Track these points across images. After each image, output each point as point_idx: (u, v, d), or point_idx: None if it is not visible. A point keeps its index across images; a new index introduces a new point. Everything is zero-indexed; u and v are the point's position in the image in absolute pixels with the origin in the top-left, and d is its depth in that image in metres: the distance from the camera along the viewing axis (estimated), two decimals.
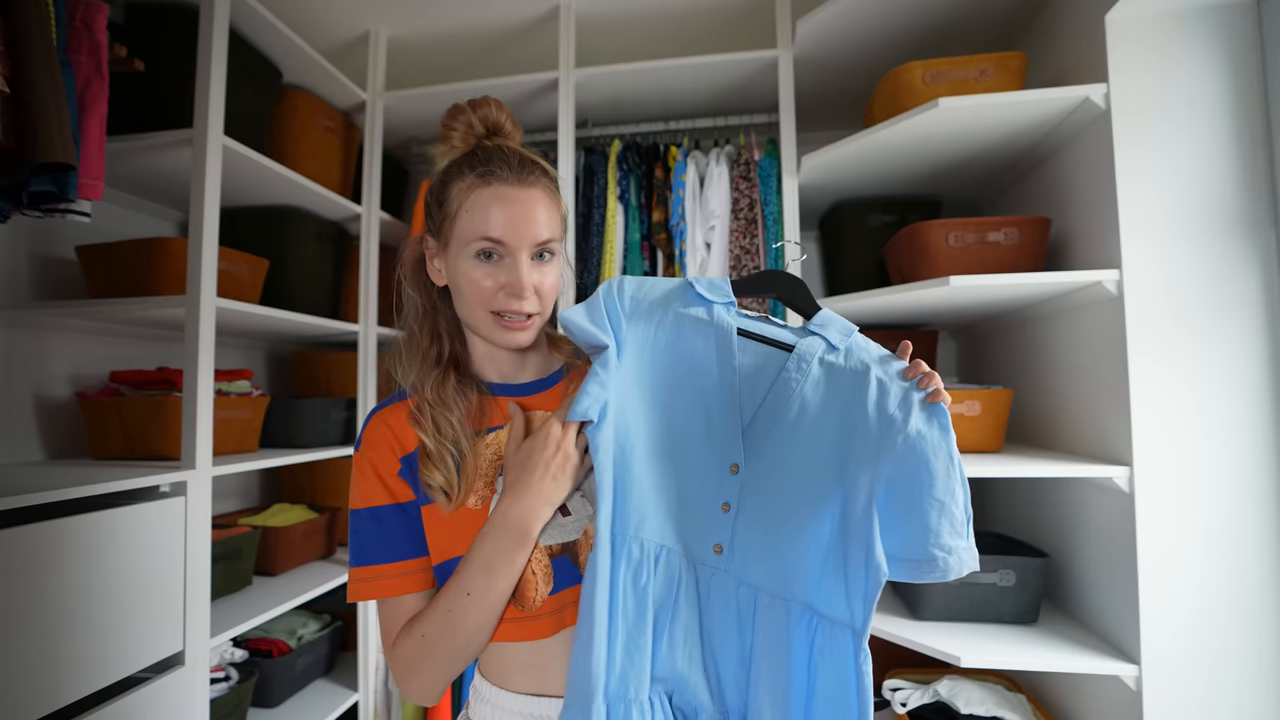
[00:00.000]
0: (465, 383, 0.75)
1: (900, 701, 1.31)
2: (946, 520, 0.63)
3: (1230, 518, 1.05)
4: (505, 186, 0.69)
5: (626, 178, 1.81)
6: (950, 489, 0.63)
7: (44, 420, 1.41)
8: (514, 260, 0.69)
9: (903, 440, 0.64)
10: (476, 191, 0.70)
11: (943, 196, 1.75)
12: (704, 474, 0.71)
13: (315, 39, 1.86)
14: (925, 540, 0.63)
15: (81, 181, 1.07)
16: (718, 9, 1.75)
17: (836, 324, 0.73)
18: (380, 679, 1.82)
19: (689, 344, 0.73)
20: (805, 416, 0.69)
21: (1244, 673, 1.04)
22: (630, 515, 0.69)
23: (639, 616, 0.66)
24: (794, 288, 0.78)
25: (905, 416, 0.65)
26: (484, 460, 0.72)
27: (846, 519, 0.66)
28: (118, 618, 1.07)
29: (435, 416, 0.71)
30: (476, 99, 0.76)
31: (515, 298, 0.69)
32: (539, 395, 0.77)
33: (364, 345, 1.86)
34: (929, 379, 0.66)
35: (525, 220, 0.69)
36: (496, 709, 0.71)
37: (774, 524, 0.68)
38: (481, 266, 0.70)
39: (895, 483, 0.64)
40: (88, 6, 1.08)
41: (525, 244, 0.69)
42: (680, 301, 0.74)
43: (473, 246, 0.69)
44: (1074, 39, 1.26)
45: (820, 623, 0.65)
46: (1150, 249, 1.10)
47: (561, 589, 0.70)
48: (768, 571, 0.67)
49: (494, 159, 0.71)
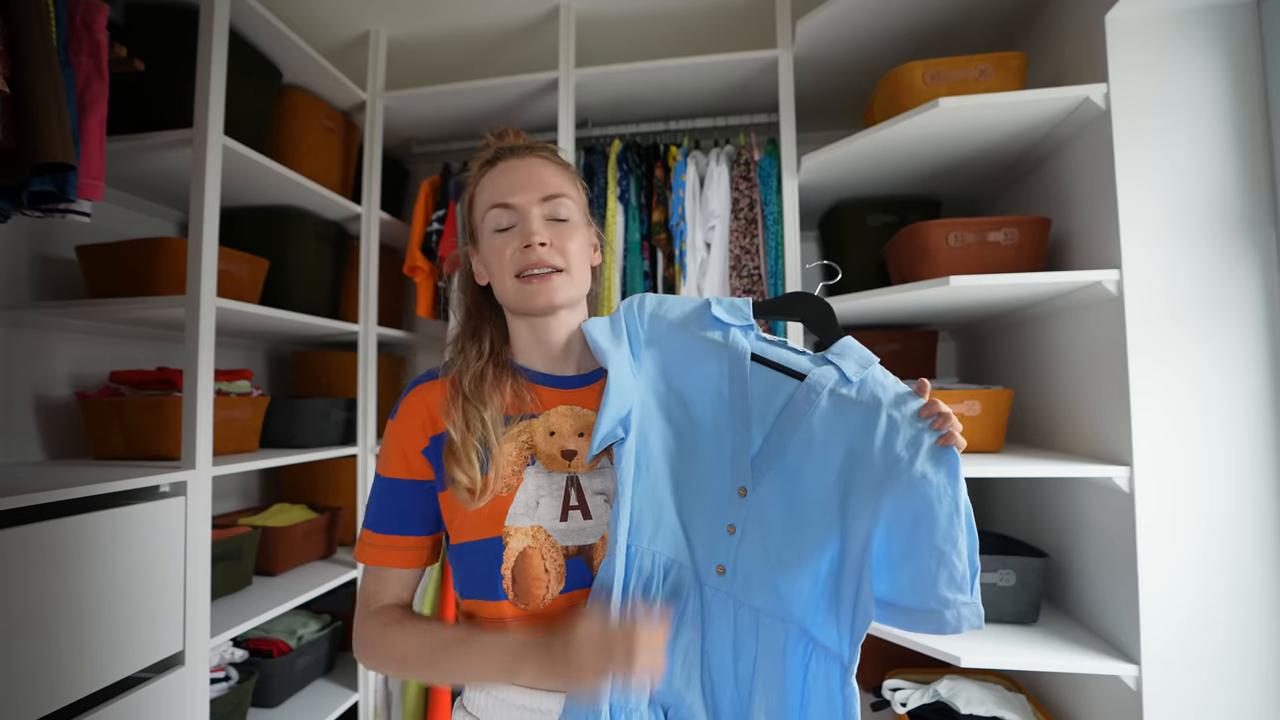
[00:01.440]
0: (503, 372, 0.77)
1: (900, 701, 1.31)
2: (945, 571, 0.61)
3: (1230, 518, 1.05)
4: (509, 161, 0.76)
5: (626, 178, 1.81)
6: (952, 538, 0.61)
7: (44, 420, 1.41)
8: (525, 216, 0.73)
9: (906, 481, 0.62)
10: (487, 174, 0.77)
11: (943, 196, 1.75)
12: (713, 495, 0.70)
13: (315, 39, 1.86)
14: (921, 589, 0.62)
15: (81, 181, 1.07)
16: (718, 9, 1.75)
17: (855, 354, 0.71)
18: (380, 679, 1.82)
19: (704, 367, 0.73)
20: (812, 448, 0.68)
21: (1244, 673, 1.04)
22: (645, 527, 0.69)
23: None
24: (820, 313, 0.76)
25: (912, 457, 0.63)
26: (514, 448, 0.72)
27: (843, 556, 0.65)
28: (118, 618, 1.07)
29: (467, 410, 0.71)
30: (502, 129, 0.83)
31: (529, 248, 0.71)
32: (581, 390, 0.78)
33: (364, 345, 1.86)
34: (943, 421, 0.64)
35: (528, 178, 0.74)
36: (493, 699, 0.71)
37: (775, 551, 0.67)
38: (500, 237, 0.74)
39: (895, 525, 0.63)
40: (88, 6, 1.08)
41: (533, 199, 0.73)
42: (697, 324, 0.75)
43: (489, 220, 0.74)
44: (1074, 39, 1.26)
45: (815, 648, 0.65)
46: (1150, 249, 1.10)
47: (572, 589, 0.70)
48: (767, 596, 0.67)
49: (502, 150, 0.78)
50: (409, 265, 1.92)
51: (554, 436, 0.73)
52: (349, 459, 1.87)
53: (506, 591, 0.69)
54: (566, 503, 0.71)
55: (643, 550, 0.68)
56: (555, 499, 0.71)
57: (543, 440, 0.73)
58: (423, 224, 1.91)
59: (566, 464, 0.73)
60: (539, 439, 0.73)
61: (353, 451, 1.82)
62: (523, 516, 0.70)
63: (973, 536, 0.63)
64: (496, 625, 0.71)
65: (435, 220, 1.91)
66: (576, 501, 0.72)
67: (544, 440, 0.73)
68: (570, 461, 0.73)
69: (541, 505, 0.71)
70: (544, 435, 0.73)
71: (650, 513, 0.69)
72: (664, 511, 0.70)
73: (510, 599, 0.69)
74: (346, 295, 1.99)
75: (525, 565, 0.69)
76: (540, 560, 0.69)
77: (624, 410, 0.71)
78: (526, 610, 0.69)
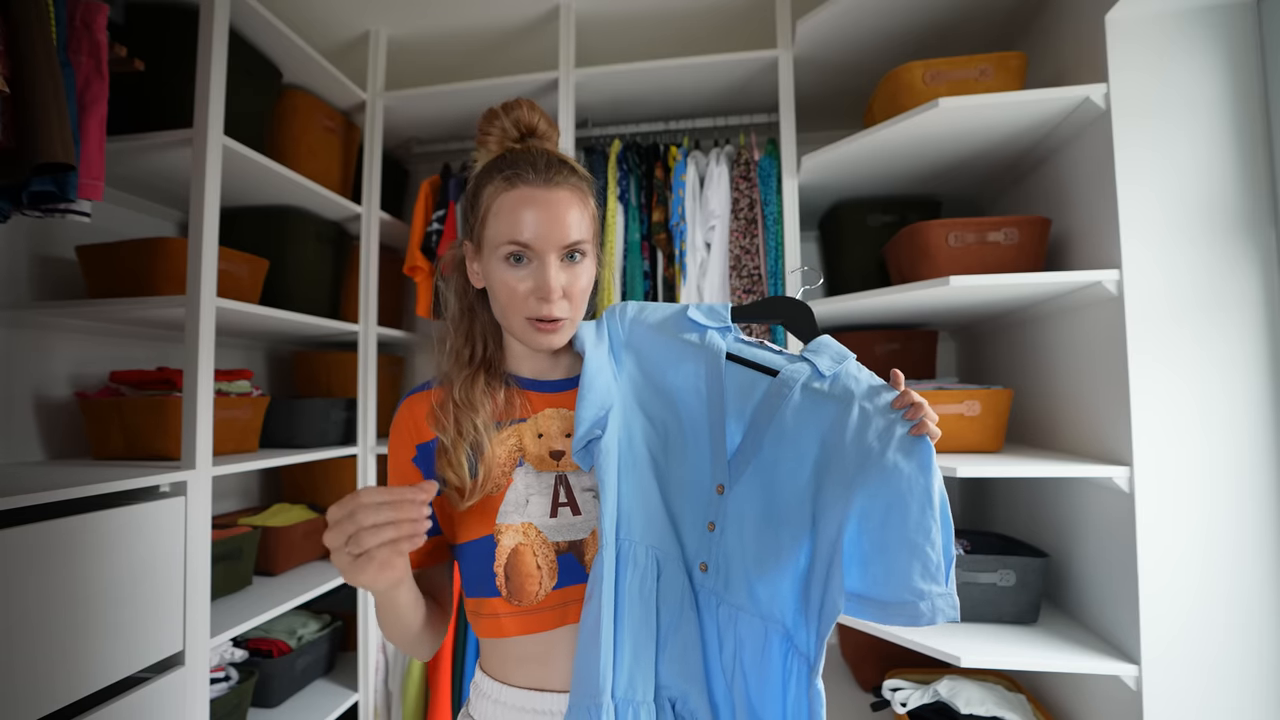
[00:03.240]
0: (495, 381, 0.77)
1: (900, 701, 1.31)
2: (919, 562, 0.60)
3: (1230, 518, 1.05)
4: (531, 189, 0.69)
5: (626, 178, 1.81)
6: (925, 528, 0.60)
7: (44, 420, 1.41)
8: (542, 263, 0.69)
9: (877, 472, 0.62)
10: (504, 195, 0.70)
11: (943, 196, 1.75)
12: (695, 492, 0.71)
13: (315, 39, 1.86)
14: (893, 581, 0.61)
15: (81, 181, 1.07)
16: (718, 9, 1.75)
17: (830, 350, 0.71)
18: (380, 679, 1.82)
19: (682, 367, 0.74)
20: (785, 444, 0.68)
21: (1244, 673, 1.04)
22: (636, 522, 0.70)
23: (645, 622, 0.67)
24: (797, 314, 0.77)
25: (883, 447, 0.63)
26: (503, 452, 0.73)
27: (816, 550, 0.65)
28: (118, 618, 1.07)
29: (459, 416, 0.72)
30: (510, 102, 0.78)
31: (544, 301, 0.70)
32: (569, 393, 0.78)
33: (364, 345, 1.86)
34: (916, 410, 0.63)
35: (552, 222, 0.69)
36: (498, 704, 0.72)
37: (753, 548, 0.68)
38: (512, 270, 0.70)
39: (867, 518, 0.62)
40: (88, 6, 1.08)
41: (553, 247, 0.69)
42: (675, 327, 0.76)
43: (502, 250, 0.70)
44: (1074, 39, 1.26)
45: (792, 647, 0.65)
46: (1150, 249, 1.10)
47: (565, 585, 0.70)
48: (745, 593, 0.67)
49: (521, 161, 0.71)
50: (409, 265, 1.92)
51: (542, 439, 0.74)
52: (349, 459, 1.87)
53: (500, 588, 0.70)
54: (556, 500, 0.72)
55: (635, 543, 0.69)
56: (544, 496, 0.72)
57: (531, 442, 0.74)
58: (423, 224, 1.91)
59: (555, 463, 0.74)
60: (528, 441, 0.74)
61: (353, 451, 1.82)
62: (513, 514, 0.71)
63: (947, 527, 0.62)
64: (493, 622, 0.71)
65: (435, 220, 1.91)
66: (566, 498, 0.73)
67: (532, 442, 0.74)
68: (558, 461, 0.74)
69: (531, 503, 0.72)
70: (532, 438, 0.74)
71: (640, 508, 0.70)
72: (653, 507, 0.71)
73: (504, 595, 0.70)
74: (346, 295, 1.99)
75: (517, 562, 0.70)
76: (532, 557, 0.70)
77: (604, 408, 0.71)
78: (520, 606, 0.70)
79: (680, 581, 0.69)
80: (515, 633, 0.70)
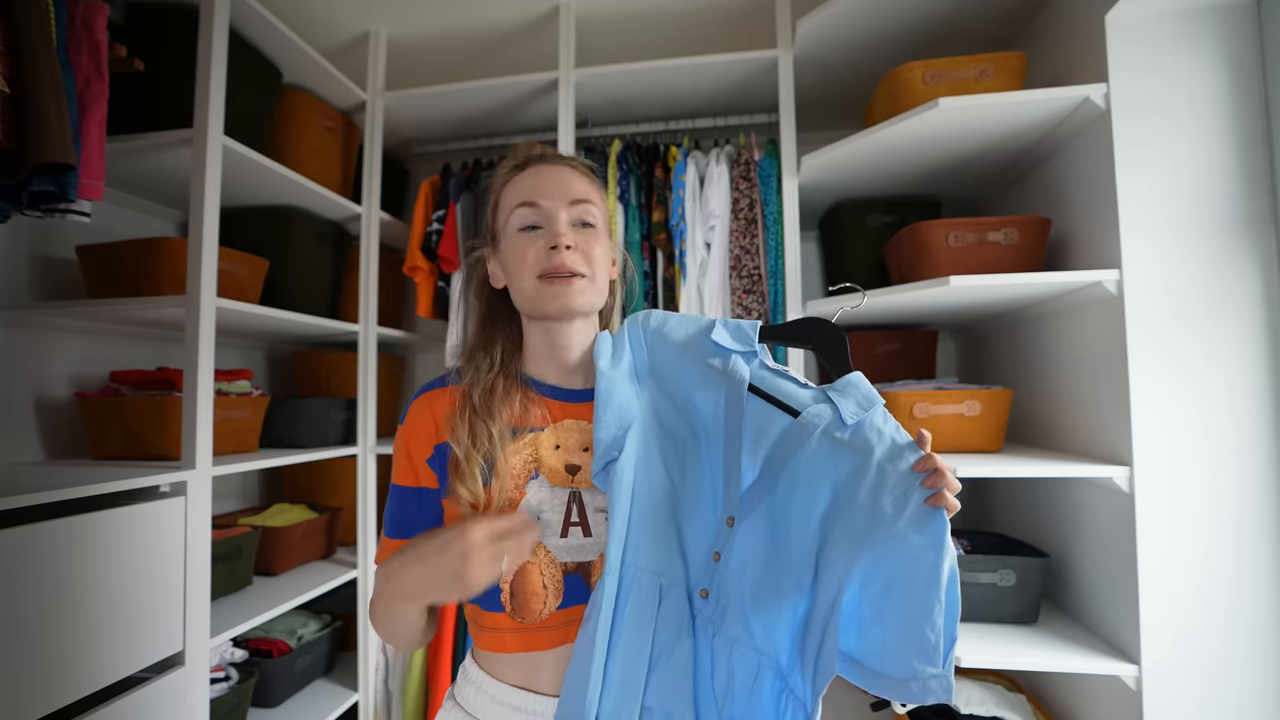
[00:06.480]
0: (512, 385, 0.76)
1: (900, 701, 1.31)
2: (916, 642, 0.58)
3: (1230, 518, 1.05)
4: (539, 166, 0.77)
5: (626, 178, 1.80)
6: (927, 608, 0.58)
7: (44, 420, 1.41)
8: (552, 218, 0.73)
9: (885, 539, 0.59)
10: (515, 177, 0.77)
11: (943, 196, 1.75)
12: (705, 520, 0.69)
13: (315, 39, 1.86)
14: (887, 655, 0.59)
15: (81, 181, 1.07)
16: (718, 9, 1.75)
17: (857, 394, 0.67)
18: (380, 679, 1.82)
19: (703, 393, 0.72)
20: (798, 490, 0.66)
21: (1244, 673, 1.04)
22: (644, 544, 0.68)
23: (639, 647, 0.65)
24: (830, 344, 0.72)
25: (896, 514, 0.60)
26: (518, 462, 0.72)
27: (815, 604, 0.63)
28: (118, 618, 1.07)
29: (474, 424, 0.70)
30: (529, 144, 0.85)
31: (555, 250, 0.71)
32: (589, 404, 0.76)
33: (364, 345, 1.86)
34: (937, 478, 0.60)
35: (557, 181, 0.74)
36: (482, 694, 0.71)
37: (751, 587, 0.66)
38: (525, 237, 0.73)
39: (869, 584, 0.60)
40: (88, 6, 1.08)
41: (561, 202, 0.73)
42: (699, 347, 0.73)
43: (514, 219, 0.74)
44: (1074, 39, 1.26)
45: (786, 688, 0.63)
46: (1150, 249, 1.10)
47: (570, 605, 0.70)
48: (744, 627, 0.65)
49: (532, 156, 0.78)
50: (409, 265, 1.92)
51: (559, 450, 0.73)
52: (349, 459, 1.87)
53: (505, 604, 0.69)
54: (568, 518, 0.71)
55: (641, 569, 0.68)
56: (557, 515, 0.71)
57: (548, 454, 0.73)
58: (423, 224, 1.91)
59: (570, 479, 0.72)
60: (544, 452, 0.73)
61: (353, 451, 1.82)
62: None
63: (953, 606, 0.58)
64: (495, 636, 0.71)
65: (435, 220, 1.90)
66: (578, 518, 0.71)
67: (549, 454, 0.73)
68: (574, 477, 0.72)
69: (543, 520, 0.71)
70: (549, 449, 0.73)
71: (650, 529, 0.69)
72: (664, 529, 0.69)
73: (508, 612, 0.69)
74: (346, 295, 1.99)
75: (524, 580, 0.69)
76: (539, 576, 0.69)
77: (622, 427, 0.70)
78: (524, 624, 0.69)
79: (681, 608, 0.68)
80: (516, 649, 0.70)
